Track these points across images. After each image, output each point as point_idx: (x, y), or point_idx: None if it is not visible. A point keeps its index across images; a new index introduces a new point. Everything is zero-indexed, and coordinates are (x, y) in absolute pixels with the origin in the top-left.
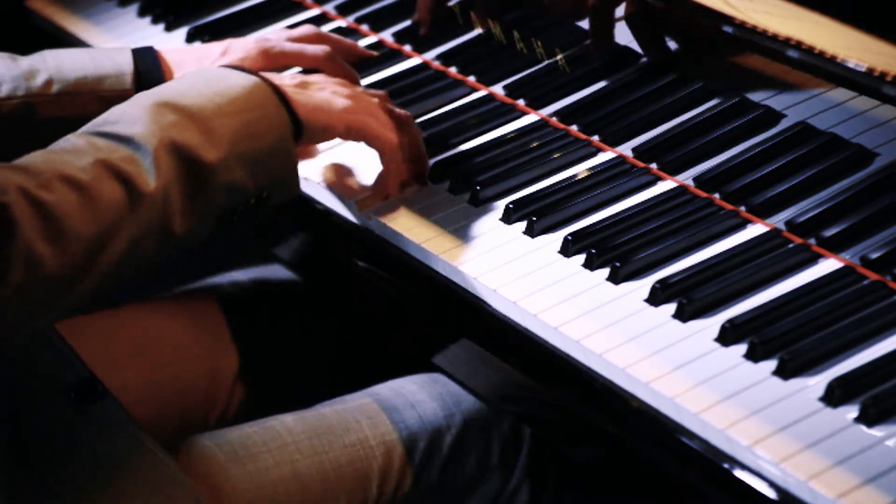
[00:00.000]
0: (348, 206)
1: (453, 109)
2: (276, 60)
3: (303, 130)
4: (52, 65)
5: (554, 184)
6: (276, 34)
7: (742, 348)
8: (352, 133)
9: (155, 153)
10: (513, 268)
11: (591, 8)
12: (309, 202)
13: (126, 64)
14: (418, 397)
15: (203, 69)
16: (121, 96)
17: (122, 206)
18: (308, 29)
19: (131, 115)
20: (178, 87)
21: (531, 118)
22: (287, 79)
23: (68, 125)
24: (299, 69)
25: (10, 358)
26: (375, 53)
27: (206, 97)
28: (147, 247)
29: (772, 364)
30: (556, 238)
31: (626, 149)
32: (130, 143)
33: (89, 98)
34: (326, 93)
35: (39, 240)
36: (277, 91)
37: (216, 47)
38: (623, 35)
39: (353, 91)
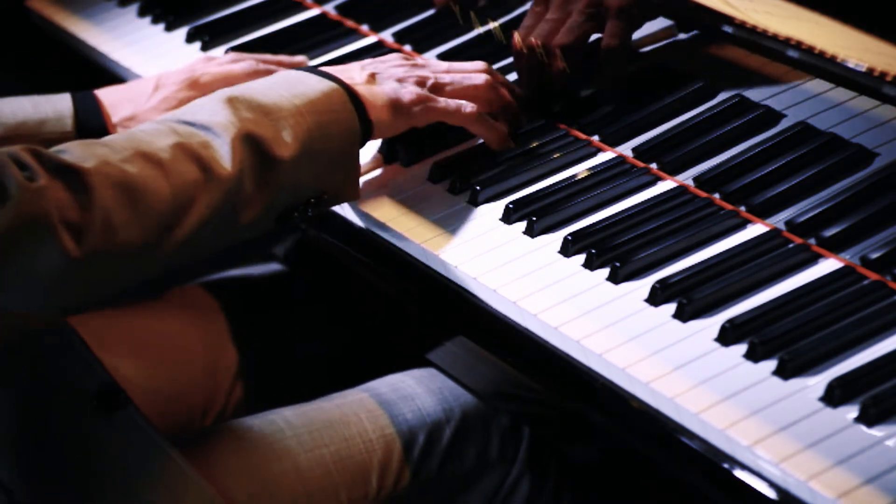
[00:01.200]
0: (351, 206)
1: None
2: (205, 88)
3: (372, 131)
4: None
5: (554, 184)
6: (200, 63)
7: (742, 348)
8: (422, 123)
9: (232, 142)
10: (513, 268)
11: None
12: None
13: (66, 108)
14: (416, 392)
15: (286, 73)
16: (61, 139)
17: (198, 185)
18: (231, 55)
19: (211, 108)
20: (259, 87)
21: None
22: (357, 74)
23: None
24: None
25: (33, 362)
26: (303, 59)
27: (285, 98)
28: (214, 230)
29: (772, 364)
30: (556, 238)
31: (626, 149)
32: (209, 130)
33: (30, 143)
34: (396, 86)
35: (118, 208)
36: (353, 96)
37: (148, 84)
38: None
39: (423, 75)
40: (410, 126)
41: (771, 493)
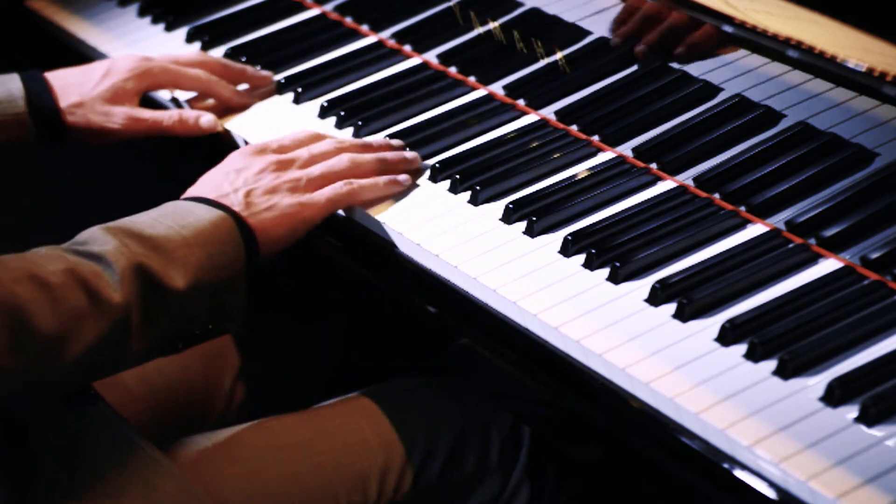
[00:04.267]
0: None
1: (453, 109)
2: (157, 79)
3: (258, 254)
4: None
5: (554, 184)
6: (160, 56)
7: (742, 348)
8: (305, 231)
9: (122, 272)
10: (513, 268)
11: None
12: None
13: (17, 89)
14: (417, 397)
15: (172, 204)
16: (15, 119)
17: (84, 311)
18: (193, 55)
19: (101, 239)
20: (146, 221)
21: (531, 118)
22: (234, 196)
23: None
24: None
25: None
26: (268, 75)
27: (173, 230)
28: (102, 358)
29: (772, 364)
30: (556, 238)
31: (626, 149)
32: (100, 260)
33: None
34: (275, 202)
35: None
36: (239, 222)
37: (98, 69)
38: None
39: (294, 177)
40: (298, 237)
41: (771, 493)
